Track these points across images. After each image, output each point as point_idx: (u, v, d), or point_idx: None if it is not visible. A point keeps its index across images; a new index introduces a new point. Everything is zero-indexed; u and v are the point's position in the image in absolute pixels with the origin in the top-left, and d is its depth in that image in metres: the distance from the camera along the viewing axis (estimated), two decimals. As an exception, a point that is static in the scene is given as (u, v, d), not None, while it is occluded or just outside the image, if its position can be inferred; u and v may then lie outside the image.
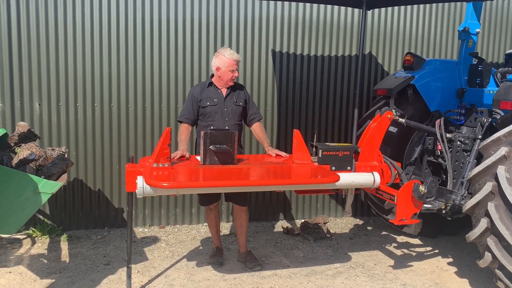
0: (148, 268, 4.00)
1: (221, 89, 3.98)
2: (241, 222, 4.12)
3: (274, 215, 5.53)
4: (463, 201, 3.72)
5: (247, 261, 4.08)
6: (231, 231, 5.01)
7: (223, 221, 5.34)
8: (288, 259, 4.28)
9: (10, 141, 3.84)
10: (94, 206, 4.95)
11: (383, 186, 3.74)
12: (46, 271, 3.84)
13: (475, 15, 4.54)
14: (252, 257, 4.11)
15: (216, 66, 3.91)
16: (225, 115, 3.93)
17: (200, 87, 4.00)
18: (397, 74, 4.69)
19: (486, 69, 4.48)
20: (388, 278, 3.96)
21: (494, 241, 3.24)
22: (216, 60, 3.92)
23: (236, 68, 3.92)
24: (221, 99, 3.94)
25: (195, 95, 3.94)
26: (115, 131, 4.89)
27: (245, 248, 4.20)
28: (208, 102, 3.91)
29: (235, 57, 3.89)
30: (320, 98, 5.52)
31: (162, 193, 3.34)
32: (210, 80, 4.02)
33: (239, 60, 3.95)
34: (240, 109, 4.00)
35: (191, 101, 3.95)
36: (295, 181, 3.44)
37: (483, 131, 3.89)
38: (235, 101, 3.98)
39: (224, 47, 4.06)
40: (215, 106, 3.91)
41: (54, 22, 4.60)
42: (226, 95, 3.97)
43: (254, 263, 4.05)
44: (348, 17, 5.50)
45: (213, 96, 3.94)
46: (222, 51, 3.91)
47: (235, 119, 3.97)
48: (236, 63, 3.91)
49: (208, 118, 3.92)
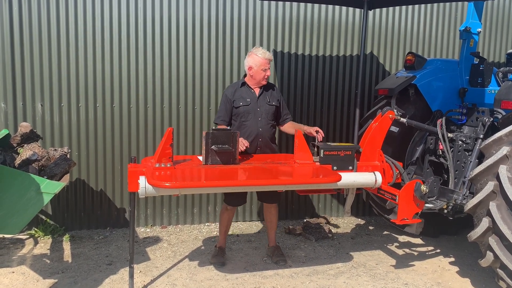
0: (150, 268, 4.01)
1: (254, 88, 3.99)
2: (271, 218, 4.22)
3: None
4: (464, 200, 3.73)
5: (274, 255, 4.20)
6: (232, 231, 5.02)
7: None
8: (290, 259, 4.28)
9: (13, 141, 3.85)
10: (96, 206, 4.97)
11: (385, 185, 3.74)
12: (49, 271, 3.86)
13: (476, 15, 4.54)
14: (279, 252, 4.23)
15: (248, 65, 3.94)
16: (258, 115, 3.95)
17: (233, 88, 4.02)
18: (399, 73, 4.70)
19: (487, 69, 4.48)
20: (390, 277, 3.96)
21: (496, 240, 3.24)
22: (248, 59, 3.94)
23: (268, 67, 3.93)
24: (254, 99, 3.96)
25: (228, 97, 3.96)
26: (117, 132, 4.91)
27: (274, 243, 4.31)
28: (241, 102, 3.93)
29: (267, 56, 3.90)
30: (321, 98, 5.53)
31: (164, 193, 3.35)
32: (243, 80, 4.04)
33: (271, 59, 3.96)
34: (273, 109, 4.02)
35: (225, 102, 3.98)
36: (297, 181, 3.45)
37: (484, 131, 3.89)
38: (268, 100, 3.99)
39: (257, 47, 4.06)
40: (248, 106, 3.93)
41: (56, 22, 4.61)
42: (259, 94, 3.99)
43: (278, 258, 4.15)
44: (349, 17, 5.50)
45: (246, 96, 3.95)
46: (255, 50, 3.93)
47: (268, 119, 3.99)
48: (268, 62, 3.92)
49: (241, 118, 3.95)
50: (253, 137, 3.95)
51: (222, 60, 5.12)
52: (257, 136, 3.97)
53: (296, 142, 3.72)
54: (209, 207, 5.30)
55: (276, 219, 4.25)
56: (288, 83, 5.39)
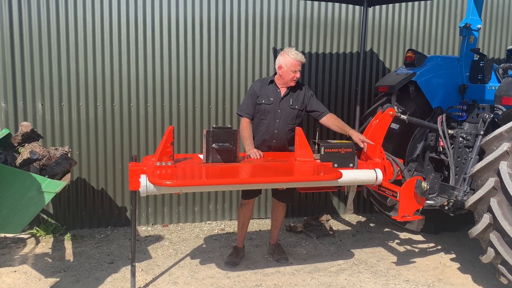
0: (152, 266, 4.02)
1: (280, 88, 3.95)
2: (277, 216, 4.23)
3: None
4: (465, 197, 3.73)
5: (275, 253, 4.21)
6: (234, 230, 5.02)
7: (226, 219, 5.37)
8: (291, 256, 4.29)
9: (14, 141, 3.86)
10: (97, 205, 4.97)
11: (386, 182, 3.74)
12: (51, 270, 3.86)
13: (476, 11, 4.53)
14: (280, 250, 4.24)
15: (279, 64, 3.89)
16: (277, 117, 3.91)
17: (261, 83, 3.99)
18: (399, 70, 4.69)
19: (487, 65, 4.47)
20: (391, 274, 3.97)
21: (497, 236, 3.25)
22: (280, 58, 3.89)
23: (299, 69, 3.87)
24: (277, 100, 3.91)
25: (255, 90, 3.94)
26: (118, 130, 4.91)
27: (276, 241, 4.32)
28: (264, 100, 3.91)
29: (299, 58, 3.85)
30: (322, 96, 5.52)
31: (166, 191, 3.35)
32: (272, 78, 4.00)
33: (303, 62, 3.89)
34: (295, 112, 3.95)
35: (251, 95, 3.96)
36: (297, 179, 3.45)
37: (485, 127, 3.88)
38: (291, 103, 3.93)
39: (290, 47, 4.02)
40: (269, 105, 3.89)
41: (56, 21, 4.61)
42: (284, 95, 3.93)
43: (280, 256, 4.16)
44: (349, 14, 5.50)
45: (271, 95, 3.92)
46: (288, 50, 3.88)
47: (287, 122, 3.93)
48: (299, 64, 3.85)
49: (260, 116, 3.94)
50: (267, 138, 3.94)
51: (222, 59, 5.12)
52: (271, 137, 3.94)
53: (296, 140, 3.72)
54: (210, 205, 5.30)
55: (282, 218, 4.25)
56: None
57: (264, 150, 3.89)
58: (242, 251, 4.23)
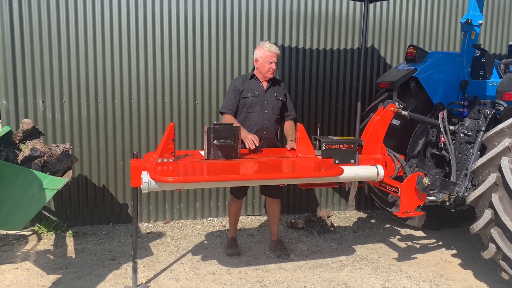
0: (153, 262, 4.03)
1: (262, 82, 4.06)
2: (273, 212, 4.27)
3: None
4: (467, 193, 3.73)
5: (276, 249, 4.23)
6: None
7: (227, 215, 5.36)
8: (292, 253, 4.30)
9: (15, 138, 3.86)
10: (99, 202, 4.98)
11: (387, 178, 3.74)
12: (53, 267, 3.87)
13: (477, 7, 4.51)
14: (281, 246, 4.26)
15: (255, 58, 4.03)
16: (265, 108, 4.02)
17: (242, 79, 4.09)
18: (400, 66, 4.68)
19: (489, 61, 4.46)
20: (392, 270, 3.98)
21: (498, 232, 3.25)
22: (256, 51, 4.03)
23: (274, 61, 3.97)
24: (262, 92, 4.03)
25: (237, 86, 4.02)
26: (119, 127, 4.91)
27: (277, 237, 4.33)
28: (249, 93, 4.00)
29: (273, 50, 3.96)
30: (323, 92, 5.52)
31: (167, 188, 3.35)
32: (252, 73, 4.11)
33: (277, 54, 3.99)
34: (279, 104, 4.09)
35: (233, 92, 4.02)
36: (299, 175, 3.45)
37: (486, 123, 3.88)
38: (275, 95, 4.06)
39: (264, 40, 4.14)
40: (255, 97, 4.00)
41: (56, 18, 4.60)
42: (267, 88, 4.05)
43: (281, 252, 4.18)
44: (350, 10, 5.48)
45: (254, 88, 4.03)
46: (262, 43, 4.02)
47: (274, 113, 4.06)
48: (274, 55, 3.96)
49: (248, 109, 4.00)
50: (258, 129, 4.00)
51: (223, 55, 5.11)
52: (262, 128, 4.03)
53: (298, 136, 3.72)
54: (211, 202, 5.31)
55: (278, 213, 4.29)
56: (289, 77, 5.38)
57: None
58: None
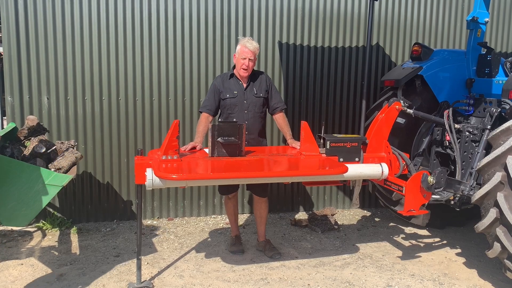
0: (157, 259, 4.04)
1: (241, 80, 3.97)
2: (260, 213, 4.19)
3: (281, 206, 5.54)
4: (471, 191, 3.71)
5: (266, 250, 4.16)
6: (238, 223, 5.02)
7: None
8: (296, 250, 4.29)
9: (20, 135, 3.88)
10: (103, 199, 4.99)
11: (391, 177, 3.73)
12: (57, 263, 3.89)
13: (484, 4, 4.49)
14: (271, 246, 4.20)
15: (234, 54, 3.97)
16: (244, 108, 3.93)
17: (222, 78, 4.01)
18: (405, 64, 4.67)
19: (495, 59, 4.44)
20: (396, 269, 3.97)
21: (503, 231, 3.23)
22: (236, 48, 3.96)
23: (249, 58, 3.84)
24: (241, 91, 3.94)
25: (217, 86, 3.96)
26: (123, 124, 4.92)
27: (264, 238, 4.27)
28: (228, 94, 3.92)
29: (248, 45, 3.85)
30: (327, 90, 5.51)
31: (171, 185, 3.36)
32: (232, 72, 4.02)
33: (252, 50, 3.85)
34: (260, 101, 3.99)
35: (213, 92, 3.96)
36: (303, 173, 3.44)
37: (492, 121, 3.86)
38: (255, 92, 3.96)
39: (244, 37, 4.08)
40: (234, 98, 3.91)
41: (61, 16, 4.61)
42: (247, 86, 3.96)
43: (273, 252, 4.13)
44: (355, 8, 5.46)
45: (233, 88, 3.94)
46: (240, 39, 3.95)
47: (255, 111, 3.96)
48: (248, 51, 3.83)
49: (227, 110, 3.95)
50: None
51: (228, 52, 5.11)
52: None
53: (302, 134, 3.71)
54: (215, 199, 5.31)
55: (266, 213, 4.22)
56: (293, 74, 5.37)
57: None
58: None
